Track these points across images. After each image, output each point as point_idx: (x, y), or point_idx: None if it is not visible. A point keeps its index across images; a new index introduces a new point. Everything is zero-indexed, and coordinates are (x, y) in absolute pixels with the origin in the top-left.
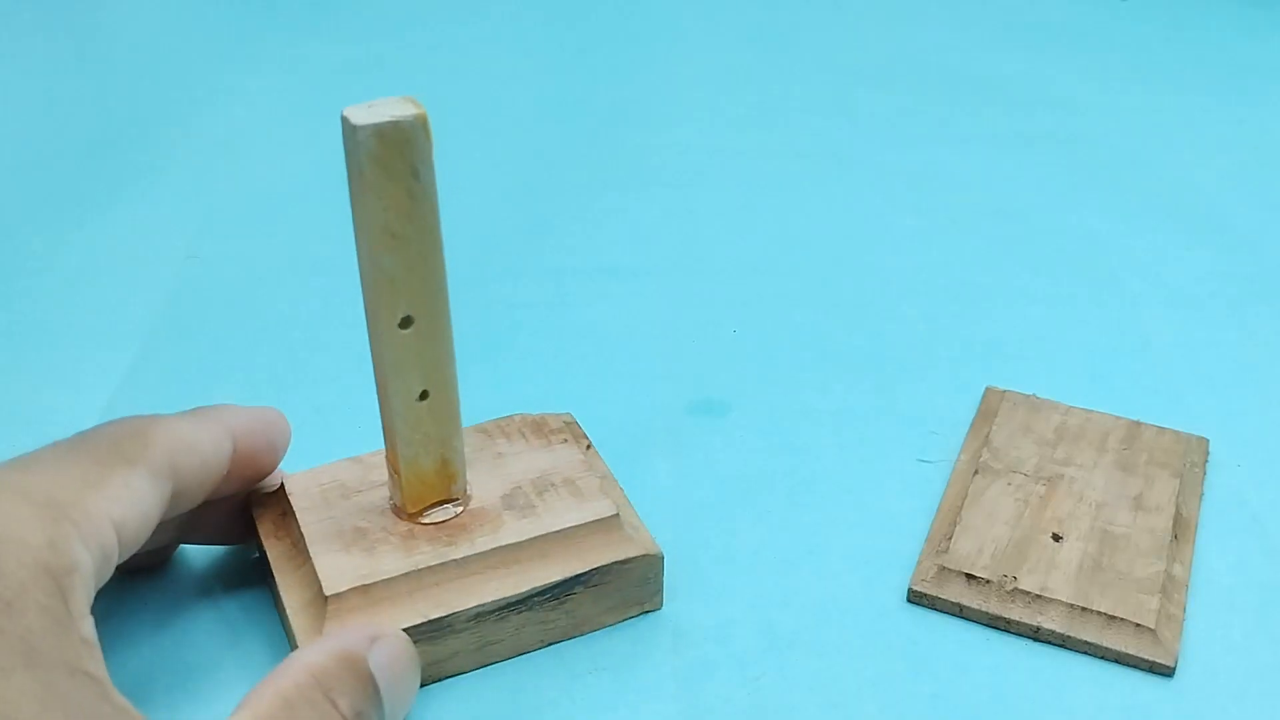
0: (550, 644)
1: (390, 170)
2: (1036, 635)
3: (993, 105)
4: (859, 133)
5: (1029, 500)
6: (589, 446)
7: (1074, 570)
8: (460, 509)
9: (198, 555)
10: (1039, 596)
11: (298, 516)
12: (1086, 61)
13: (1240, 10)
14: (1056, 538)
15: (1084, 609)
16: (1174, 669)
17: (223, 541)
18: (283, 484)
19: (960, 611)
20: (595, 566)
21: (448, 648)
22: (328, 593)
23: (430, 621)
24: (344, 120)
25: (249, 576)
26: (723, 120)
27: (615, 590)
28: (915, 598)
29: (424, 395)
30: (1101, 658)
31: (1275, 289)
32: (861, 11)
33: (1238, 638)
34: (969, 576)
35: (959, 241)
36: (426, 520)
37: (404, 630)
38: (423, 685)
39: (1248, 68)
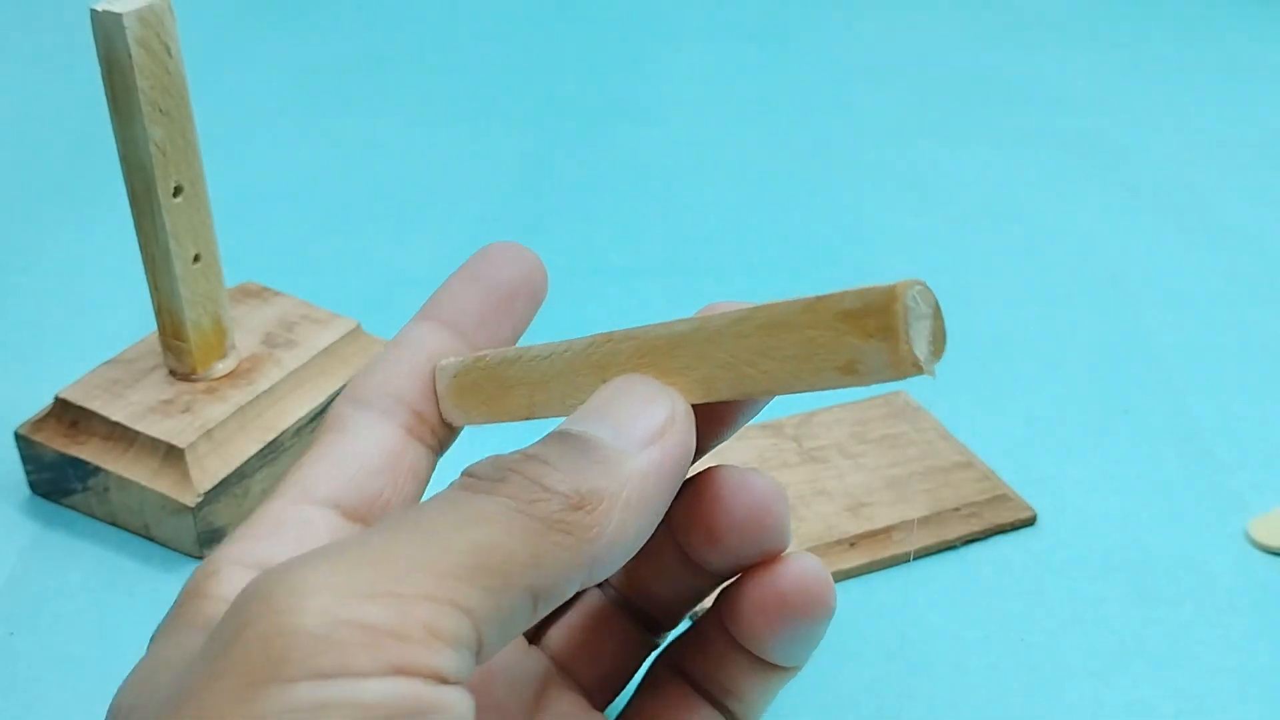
0: None
1: (150, 49)
2: None
3: (992, 103)
4: (856, 131)
5: None
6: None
7: None
8: (237, 360)
9: None
10: None
11: (100, 413)
12: (1087, 59)
13: (1243, 9)
14: None
15: None
16: None
17: None
18: (58, 398)
19: None
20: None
21: (281, 468)
22: (181, 445)
23: (267, 444)
24: (99, 14)
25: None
26: (718, 119)
27: None
28: None
29: (197, 258)
30: None
31: (1277, 289)
32: (859, 8)
33: None
34: None
35: (959, 241)
36: (216, 375)
37: (248, 458)
38: None
39: (1250, 67)
